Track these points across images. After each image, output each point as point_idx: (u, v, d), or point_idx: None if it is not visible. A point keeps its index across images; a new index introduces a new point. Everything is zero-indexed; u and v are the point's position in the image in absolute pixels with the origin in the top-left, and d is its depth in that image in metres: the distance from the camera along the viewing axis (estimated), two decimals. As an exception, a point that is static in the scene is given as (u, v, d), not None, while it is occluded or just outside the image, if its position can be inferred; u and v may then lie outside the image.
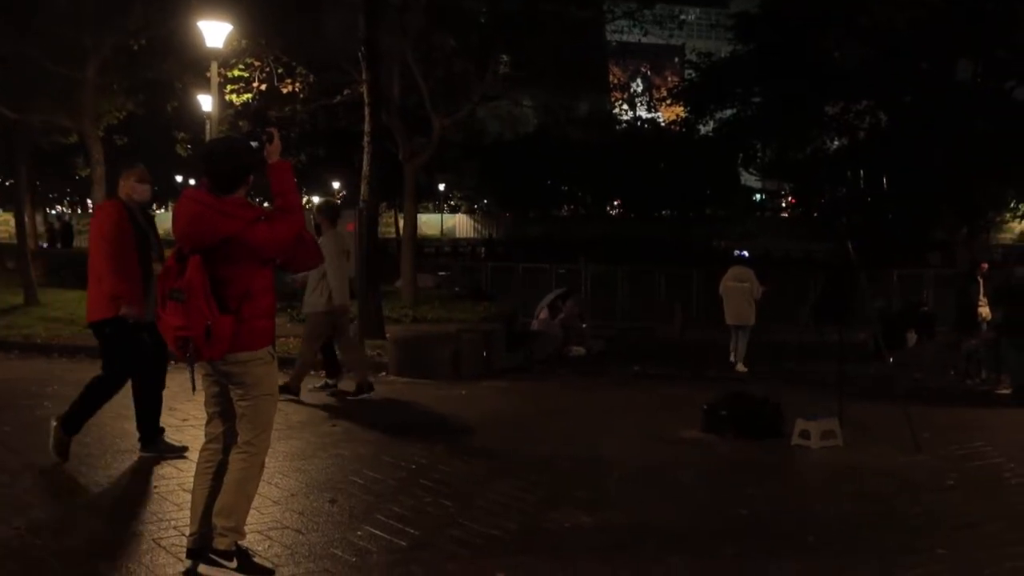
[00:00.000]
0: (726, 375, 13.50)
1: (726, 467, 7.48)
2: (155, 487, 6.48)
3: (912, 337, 15.86)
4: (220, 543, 4.63)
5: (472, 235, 69.19)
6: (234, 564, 4.65)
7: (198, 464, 4.88)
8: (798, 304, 16.30)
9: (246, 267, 4.55)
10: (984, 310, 14.56)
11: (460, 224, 74.20)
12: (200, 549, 4.70)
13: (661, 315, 23.11)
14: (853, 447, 8.01)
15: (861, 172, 31.41)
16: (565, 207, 72.12)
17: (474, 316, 17.62)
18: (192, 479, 4.92)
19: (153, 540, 5.34)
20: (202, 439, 4.85)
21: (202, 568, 4.67)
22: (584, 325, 17.89)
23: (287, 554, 5.13)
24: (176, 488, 6.45)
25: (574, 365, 14.86)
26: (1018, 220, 51.68)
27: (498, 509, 6.07)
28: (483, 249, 52.53)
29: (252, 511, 5.91)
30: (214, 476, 4.78)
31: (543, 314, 17.40)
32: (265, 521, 5.73)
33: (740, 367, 14.03)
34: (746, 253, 15.02)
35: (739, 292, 13.96)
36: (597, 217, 68.07)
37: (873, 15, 17.82)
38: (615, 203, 71.03)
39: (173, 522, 5.66)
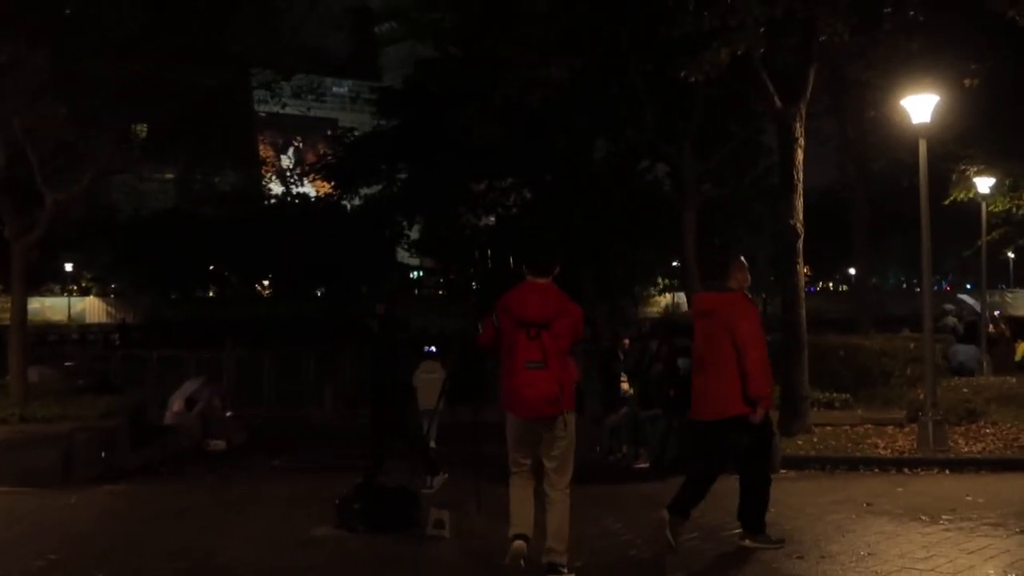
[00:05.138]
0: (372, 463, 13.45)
1: (356, 565, 7.35)
2: None
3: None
4: (560, 559, 6.57)
5: (106, 320, 65.49)
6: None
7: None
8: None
9: (564, 342, 6.54)
10: (625, 385, 15.50)
11: (91, 308, 70.11)
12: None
13: (312, 399, 22.86)
14: (477, 535, 8.10)
15: (488, 251, 33.00)
16: (211, 288, 70.05)
17: (95, 412, 16.47)
18: None
19: None
20: None
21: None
22: (229, 414, 17.38)
23: None
24: None
25: (212, 461, 14.38)
26: (662, 294, 56.29)
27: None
28: (117, 336, 49.76)
29: None
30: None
31: (177, 406, 16.71)
32: None
33: (431, 442, 15.26)
34: (434, 348, 16.85)
35: (430, 382, 15.48)
36: (245, 298, 66.65)
37: (506, 94, 18.85)
38: (265, 283, 69.90)
39: None
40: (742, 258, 7.69)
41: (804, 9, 12.87)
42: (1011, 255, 52.62)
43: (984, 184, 22.03)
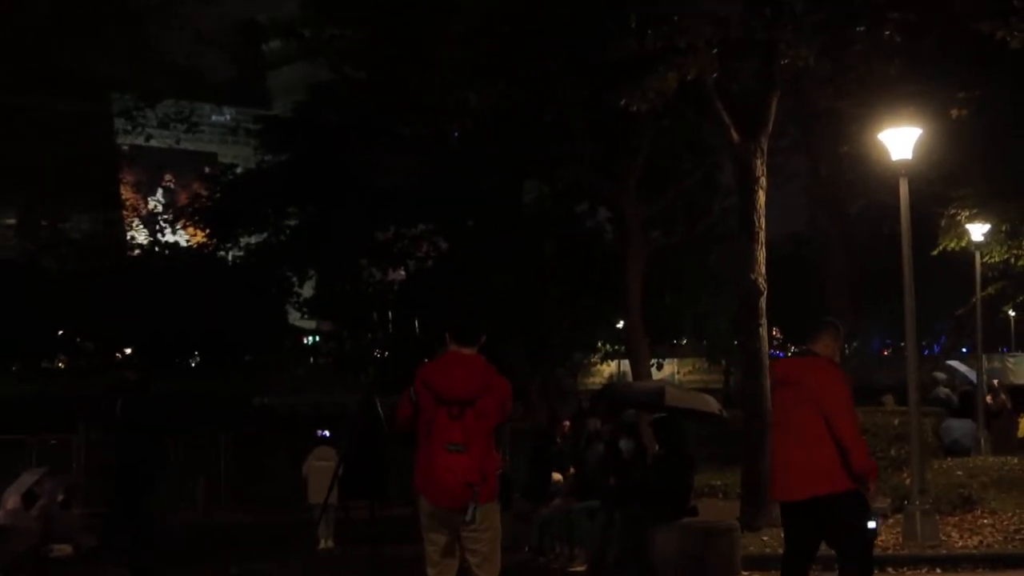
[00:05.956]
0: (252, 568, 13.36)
1: None
2: None
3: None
4: None
5: (-72, 399, 64.07)
6: None
7: None
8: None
9: (490, 423, 6.89)
10: (557, 475, 15.52)
11: (-90, 385, 68.65)
12: None
13: (182, 493, 22.55)
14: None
15: (389, 314, 32.86)
16: (60, 358, 68.81)
17: (-91, 512, 16.15)
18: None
19: None
20: None
21: None
22: (77, 512, 17.39)
23: None
24: None
25: (54, 569, 14.42)
26: (606, 362, 56.23)
27: None
28: (-58, 419, 48.68)
29: None
30: None
31: (12, 502, 16.46)
32: None
33: (326, 543, 16.46)
34: (327, 433, 17.76)
35: (323, 471, 16.33)
36: (103, 369, 65.54)
37: (417, 126, 18.92)
38: (127, 351, 68.83)
39: None
40: (838, 324, 7.99)
41: (762, 29, 13.14)
42: (1011, 313, 53.46)
43: (978, 231, 22.51)
